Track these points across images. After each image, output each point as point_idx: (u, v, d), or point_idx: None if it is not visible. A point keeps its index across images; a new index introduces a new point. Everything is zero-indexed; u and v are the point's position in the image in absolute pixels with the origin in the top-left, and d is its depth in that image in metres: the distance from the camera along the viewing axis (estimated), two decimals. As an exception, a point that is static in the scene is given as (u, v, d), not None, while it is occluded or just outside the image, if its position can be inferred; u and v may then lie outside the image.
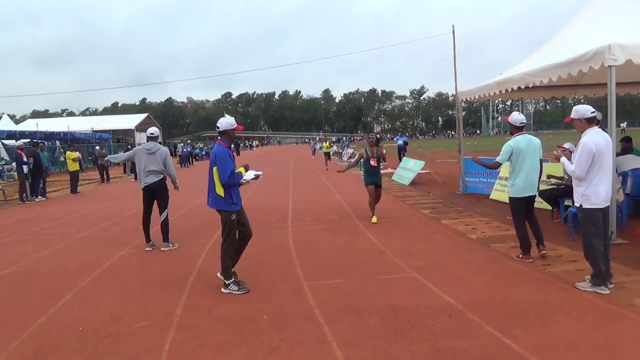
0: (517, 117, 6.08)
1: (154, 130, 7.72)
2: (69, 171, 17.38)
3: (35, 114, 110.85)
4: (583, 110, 4.82)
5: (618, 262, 5.57)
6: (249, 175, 5.30)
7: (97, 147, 27.54)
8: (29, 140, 23.80)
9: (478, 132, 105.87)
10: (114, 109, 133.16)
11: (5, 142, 28.46)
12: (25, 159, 14.60)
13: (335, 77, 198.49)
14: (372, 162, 9.14)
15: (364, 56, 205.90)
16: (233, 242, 5.20)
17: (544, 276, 5.30)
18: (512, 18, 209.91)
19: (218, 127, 5.14)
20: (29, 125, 46.67)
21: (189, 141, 43.14)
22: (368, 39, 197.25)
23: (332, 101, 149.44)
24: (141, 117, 58.19)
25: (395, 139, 38.07)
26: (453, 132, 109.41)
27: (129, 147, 32.81)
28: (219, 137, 5.19)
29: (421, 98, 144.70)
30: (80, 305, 4.99)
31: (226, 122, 5.13)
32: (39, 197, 15.30)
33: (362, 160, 9.43)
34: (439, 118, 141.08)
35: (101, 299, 5.16)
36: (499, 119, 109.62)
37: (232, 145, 5.46)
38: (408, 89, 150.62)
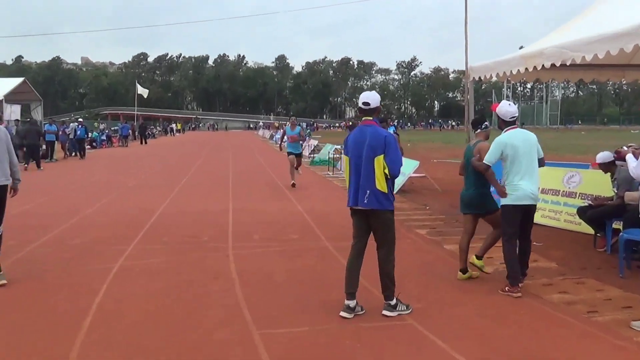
0: (507, 109, 6.45)
1: None
2: None
3: None
4: None
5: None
6: None
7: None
8: None
9: (486, 122, 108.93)
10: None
11: None
12: None
13: (295, 39, 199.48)
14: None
15: (338, 13, 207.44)
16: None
17: (589, 327, 5.36)
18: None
19: (369, 104, 5.48)
20: None
21: (80, 119, 41.54)
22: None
23: (288, 72, 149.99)
24: (14, 82, 56.49)
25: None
26: (454, 122, 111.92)
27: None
28: (370, 117, 5.55)
29: (412, 74, 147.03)
30: None
31: (377, 97, 5.59)
32: None
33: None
34: (435, 102, 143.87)
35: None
36: (517, 106, 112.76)
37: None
38: (395, 61, 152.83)
